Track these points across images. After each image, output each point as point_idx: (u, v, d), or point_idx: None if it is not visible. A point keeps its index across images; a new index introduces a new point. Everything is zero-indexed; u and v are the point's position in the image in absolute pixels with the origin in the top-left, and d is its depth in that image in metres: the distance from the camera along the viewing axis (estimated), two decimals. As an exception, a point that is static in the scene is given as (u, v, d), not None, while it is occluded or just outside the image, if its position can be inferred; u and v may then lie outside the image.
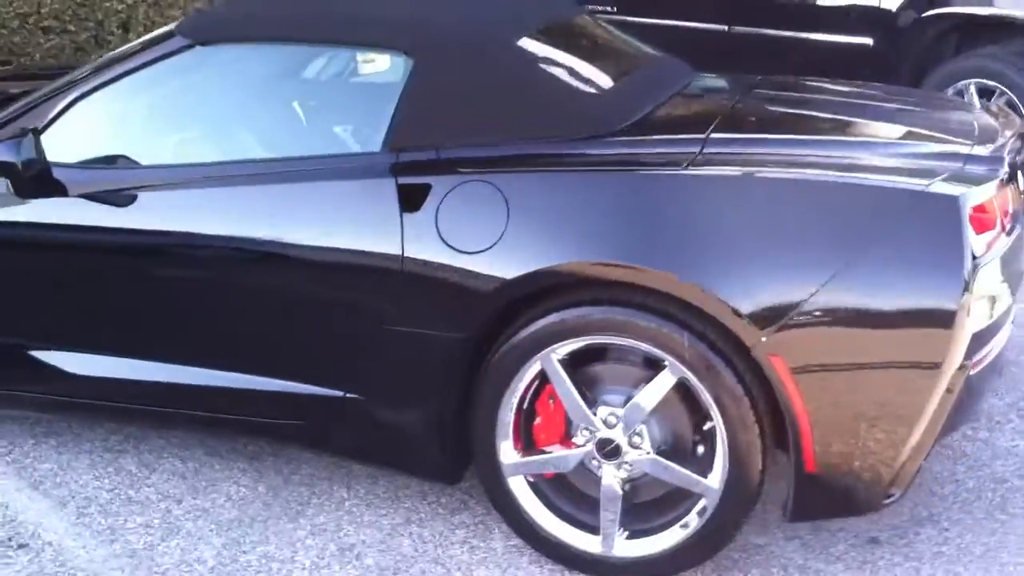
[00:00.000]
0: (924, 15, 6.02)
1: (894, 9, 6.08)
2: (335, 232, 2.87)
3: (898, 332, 2.54)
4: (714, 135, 2.88)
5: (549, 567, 2.92)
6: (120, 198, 3.04)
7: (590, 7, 7.35)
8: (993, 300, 2.73)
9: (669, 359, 2.65)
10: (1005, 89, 5.73)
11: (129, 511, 3.18)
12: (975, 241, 2.59)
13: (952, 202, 2.52)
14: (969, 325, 2.54)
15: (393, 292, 2.82)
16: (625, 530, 2.83)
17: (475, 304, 2.76)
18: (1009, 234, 2.81)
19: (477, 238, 2.74)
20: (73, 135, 3.12)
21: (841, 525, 3.10)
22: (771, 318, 2.55)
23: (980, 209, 2.66)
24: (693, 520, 2.77)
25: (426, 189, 2.80)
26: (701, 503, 2.75)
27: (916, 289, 2.52)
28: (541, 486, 2.90)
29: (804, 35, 6.52)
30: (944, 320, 2.51)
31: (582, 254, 2.68)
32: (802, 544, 3.03)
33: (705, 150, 2.81)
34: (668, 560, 2.81)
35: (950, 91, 5.93)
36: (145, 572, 2.91)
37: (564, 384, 2.75)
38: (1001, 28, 5.79)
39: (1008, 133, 3.02)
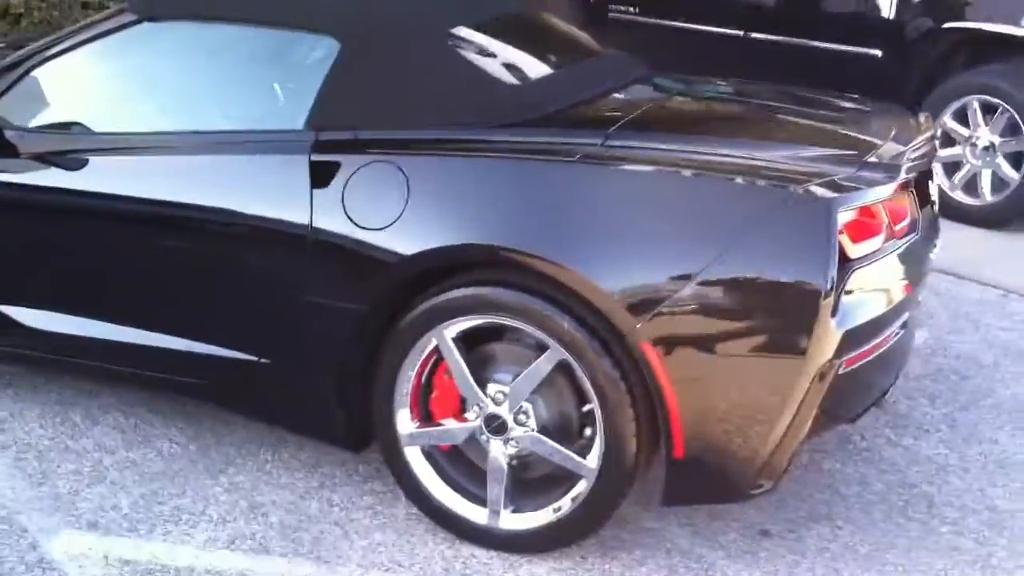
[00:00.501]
0: (934, 28, 6.01)
1: (904, 20, 6.08)
2: (253, 203, 3.03)
3: (763, 326, 2.63)
4: (618, 130, 2.98)
5: (442, 535, 3.03)
6: (63, 160, 3.23)
7: (612, 8, 7.48)
8: (878, 300, 2.79)
9: (551, 342, 2.76)
10: (1008, 107, 5.71)
11: (64, 459, 3.36)
12: (848, 245, 2.65)
13: (822, 205, 2.60)
14: (835, 324, 2.60)
15: (301, 263, 2.97)
16: (512, 504, 2.94)
17: (374, 279, 2.90)
18: (903, 237, 2.85)
19: (378, 216, 2.88)
20: (26, 101, 3.32)
21: (737, 516, 3.18)
22: (645, 307, 2.65)
23: (866, 213, 2.74)
24: (572, 499, 2.87)
25: (335, 167, 2.95)
26: (581, 483, 2.85)
27: (782, 287, 2.61)
28: (437, 457, 3.02)
29: (815, 43, 6.55)
30: (807, 318, 2.58)
31: (473, 236, 2.81)
32: (694, 531, 3.11)
33: (607, 143, 2.91)
34: (547, 536, 2.92)
35: (954, 106, 5.91)
36: (62, 515, 3.09)
37: (455, 359, 2.87)
38: (1011, 46, 5.77)
39: (919, 142, 3.07)
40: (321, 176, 2.95)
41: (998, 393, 3.98)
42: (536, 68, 3.38)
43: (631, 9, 7.78)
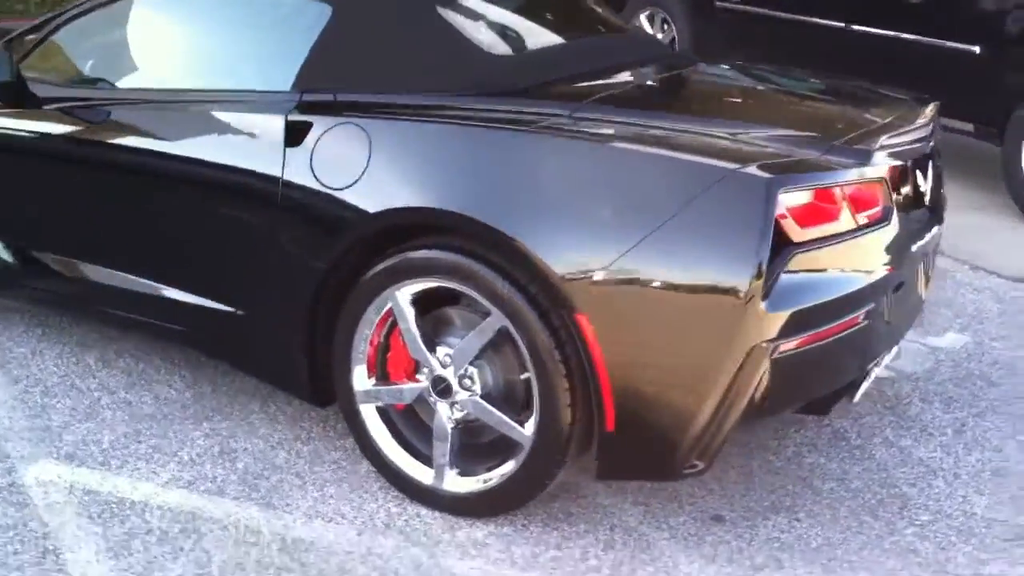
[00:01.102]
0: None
1: (1006, 14, 5.86)
2: (235, 159, 3.17)
3: (692, 304, 2.61)
4: (591, 104, 3.00)
5: (394, 493, 3.11)
6: (77, 112, 3.42)
7: None
8: (829, 286, 2.74)
9: (493, 308, 2.80)
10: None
11: (66, 395, 3.56)
12: (793, 227, 2.62)
13: (758, 185, 2.57)
14: (766, 306, 2.57)
15: (272, 218, 3.08)
16: (458, 467, 2.99)
17: (334, 237, 2.99)
18: (874, 224, 2.80)
19: (341, 176, 2.97)
20: (49, 59, 3.54)
21: (695, 500, 3.17)
22: (580, 278, 2.66)
23: (823, 196, 2.70)
24: (511, 466, 2.90)
25: (308, 126, 3.05)
26: (521, 451, 2.88)
27: (714, 265, 2.59)
28: (393, 416, 3.09)
29: (915, 37, 6.37)
30: (734, 299, 2.56)
31: (424, 200, 2.87)
32: (646, 511, 3.11)
33: (574, 115, 2.93)
34: (487, 500, 2.97)
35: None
36: (46, 445, 3.28)
37: (406, 320, 2.94)
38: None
39: (909, 130, 3.00)
40: (294, 135, 3.06)
41: None
42: (535, 40, 3.41)
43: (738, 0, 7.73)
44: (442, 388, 2.93)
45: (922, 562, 2.95)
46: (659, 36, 8.35)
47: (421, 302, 2.94)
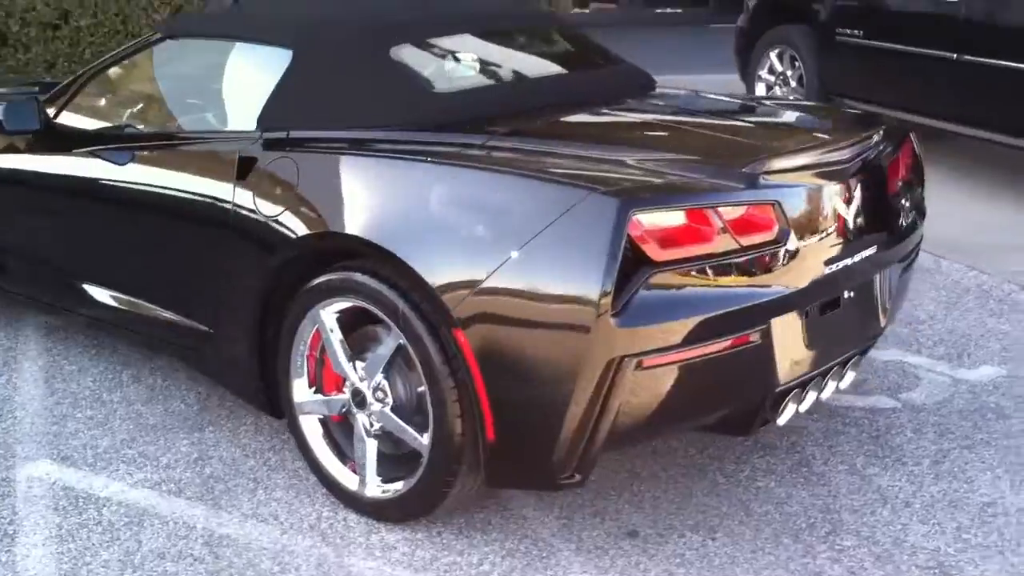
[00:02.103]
0: None
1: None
2: (204, 189, 3.52)
3: (552, 320, 2.75)
4: (506, 134, 3.20)
5: (332, 500, 3.35)
6: (96, 154, 3.88)
7: (839, 32, 7.44)
8: (697, 305, 2.82)
9: (392, 325, 3.03)
10: None
11: (89, 406, 4.00)
12: (653, 247, 2.72)
13: (609, 207, 2.69)
14: (618, 322, 2.68)
15: (226, 243, 3.41)
16: (381, 475, 3.21)
17: (270, 259, 3.28)
18: (765, 246, 2.88)
19: (273, 205, 3.27)
20: (78, 106, 4.03)
21: (617, 515, 3.27)
22: (458, 297, 2.85)
23: (696, 218, 2.80)
24: (415, 474, 3.10)
25: (253, 161, 3.37)
26: (422, 460, 3.08)
27: (571, 283, 2.71)
28: (330, 427, 3.35)
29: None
30: (587, 315, 2.68)
31: (336, 226, 3.13)
32: (565, 524, 3.23)
33: (486, 144, 3.14)
34: (398, 507, 3.17)
35: None
36: (51, 448, 3.70)
37: (328, 336, 3.20)
38: None
39: (836, 150, 3.13)
40: (243, 169, 3.38)
41: (1026, 439, 3.71)
42: (494, 77, 3.62)
43: (857, 32, 7.70)
44: (359, 400, 3.15)
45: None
46: (788, 73, 8.34)
47: (352, 320, 3.15)
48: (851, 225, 3.15)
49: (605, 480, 3.44)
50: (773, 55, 8.72)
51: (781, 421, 3.17)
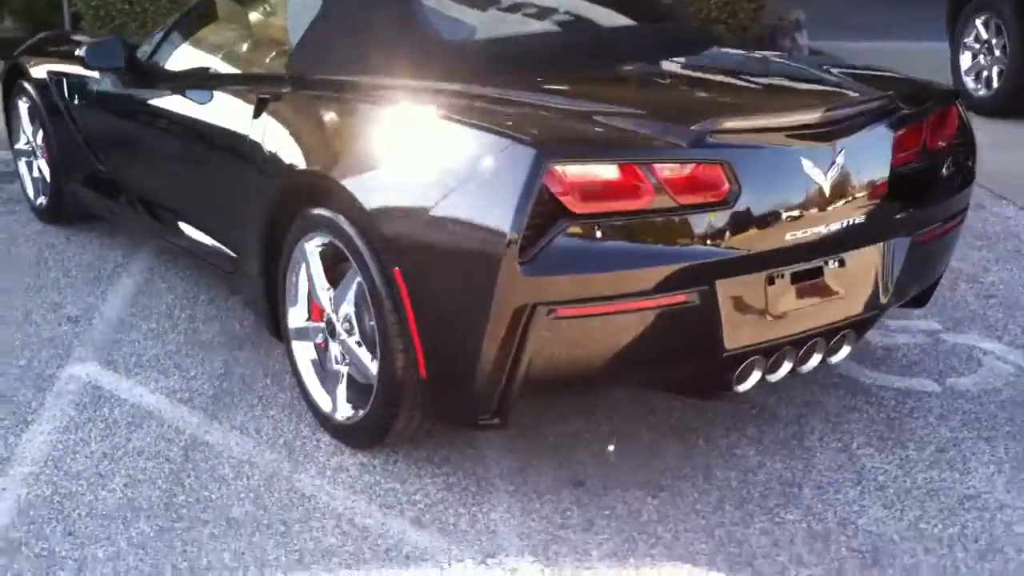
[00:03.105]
0: None
1: None
2: (236, 125, 3.77)
3: (471, 264, 2.81)
4: (488, 81, 3.30)
5: (314, 422, 3.56)
6: (173, 87, 4.23)
7: None
8: (617, 259, 2.83)
9: (353, 261, 3.19)
10: None
11: (157, 320, 4.38)
12: (573, 199, 2.76)
13: (527, 156, 2.73)
14: (525, 270, 2.71)
15: (245, 176, 3.66)
16: (351, 401, 3.40)
17: (269, 192, 3.51)
18: (703, 205, 2.88)
19: (275, 144, 3.49)
20: (163, 48, 4.41)
21: (576, 465, 3.31)
22: (398, 237, 2.99)
23: (628, 173, 2.82)
24: (368, 404, 3.27)
25: (265, 102, 3.60)
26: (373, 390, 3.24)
27: (488, 228, 2.75)
28: (319, 352, 3.55)
29: None
30: (497, 260, 2.74)
31: (311, 164, 3.32)
32: (519, 468, 3.29)
33: (470, 91, 3.24)
34: (355, 433, 3.34)
35: None
36: (104, 352, 4.08)
37: (310, 268, 3.40)
38: None
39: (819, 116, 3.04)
40: (259, 108, 3.61)
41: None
42: (522, 29, 3.78)
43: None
44: (330, 329, 3.34)
45: (732, 551, 2.91)
46: (993, 41, 7.88)
47: (336, 254, 3.30)
48: (828, 191, 3.03)
49: (583, 431, 3.49)
50: (979, 22, 8.23)
51: (741, 388, 3.12)
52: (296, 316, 3.51)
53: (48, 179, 5.31)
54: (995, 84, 8.05)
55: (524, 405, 3.02)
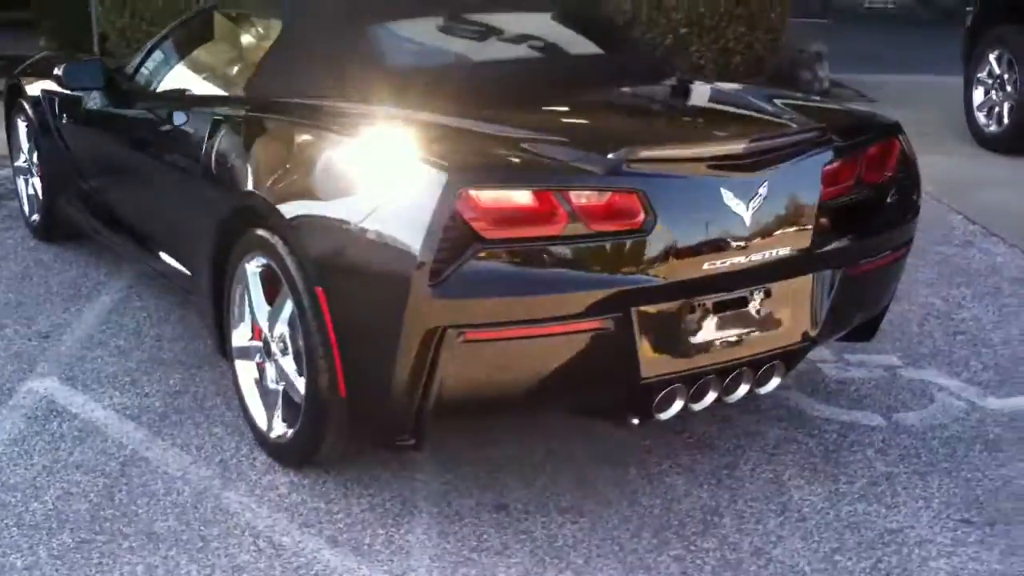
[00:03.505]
0: None
1: None
2: (189, 150, 3.88)
3: (382, 288, 2.89)
4: (424, 105, 3.38)
5: (252, 439, 3.62)
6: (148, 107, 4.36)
7: None
8: (528, 284, 2.88)
9: (284, 281, 3.27)
10: None
11: (125, 338, 4.47)
12: (483, 224, 2.80)
13: (438, 182, 2.79)
14: (435, 293, 2.78)
15: (197, 198, 3.76)
16: (286, 420, 3.46)
17: (216, 215, 3.60)
18: (617, 233, 2.92)
19: (224, 164, 3.58)
20: (144, 67, 4.53)
21: (505, 489, 3.35)
22: (321, 257, 3.06)
23: (541, 199, 2.87)
24: (298, 423, 3.33)
25: (219, 123, 3.70)
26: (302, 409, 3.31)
27: (401, 251, 2.83)
28: (260, 371, 3.62)
29: None
30: (407, 283, 2.80)
31: (251, 186, 3.40)
32: (446, 490, 3.34)
33: (400, 112, 3.33)
34: (287, 452, 3.40)
35: None
36: (66, 368, 4.18)
37: (248, 289, 3.48)
38: None
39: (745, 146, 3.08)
40: (214, 130, 3.72)
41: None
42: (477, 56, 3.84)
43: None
44: (266, 348, 3.41)
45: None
46: (1005, 77, 7.86)
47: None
48: (749, 223, 3.06)
49: (516, 456, 3.53)
50: (992, 57, 8.21)
51: (662, 416, 3.14)
52: (239, 335, 3.58)
53: (40, 196, 5.42)
54: (1006, 120, 8.00)
55: (451, 427, 3.06)
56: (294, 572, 2.91)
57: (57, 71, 4.50)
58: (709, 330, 3.08)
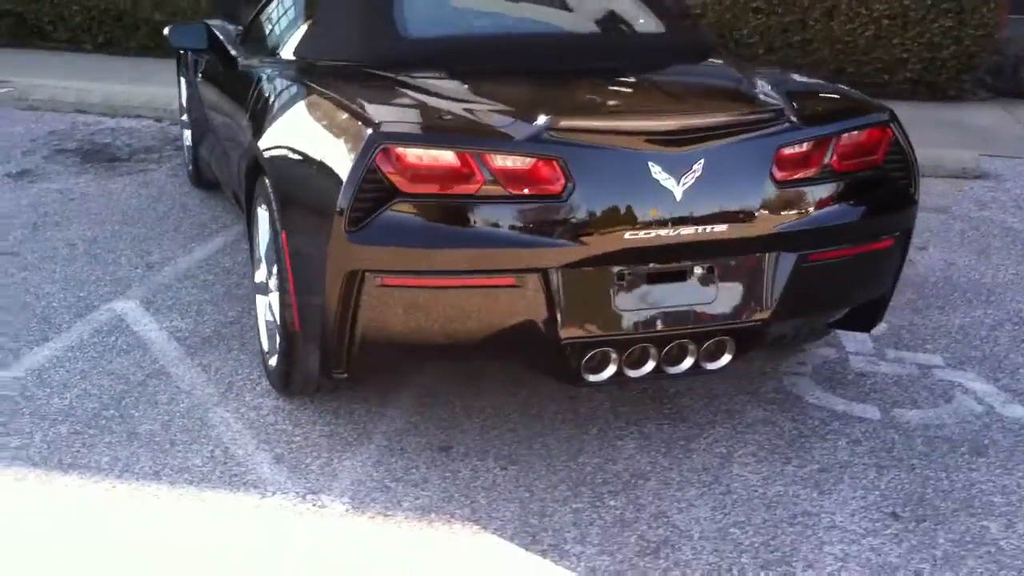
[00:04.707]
0: None
1: None
2: (242, 106, 4.34)
3: (317, 233, 3.18)
4: (414, 70, 3.66)
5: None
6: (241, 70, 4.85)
7: None
8: (442, 237, 3.10)
9: (270, 224, 3.66)
10: None
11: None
12: (402, 178, 3.07)
13: (361, 139, 3.07)
14: (352, 238, 3.04)
15: (240, 148, 4.21)
16: (275, 350, 3.85)
17: (246, 162, 4.04)
18: (533, 197, 3.11)
19: (256, 113, 4.01)
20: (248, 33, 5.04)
21: (459, 430, 3.59)
22: (284, 200, 3.43)
23: (460, 160, 3.10)
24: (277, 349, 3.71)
25: (260, 79, 4.13)
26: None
27: (330, 200, 3.13)
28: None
29: None
30: (329, 228, 3.08)
31: (260, 138, 3.80)
32: (401, 428, 3.59)
33: (398, 78, 3.63)
34: (273, 376, 3.78)
35: None
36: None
37: (259, 230, 3.89)
38: None
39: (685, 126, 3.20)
40: (257, 86, 4.15)
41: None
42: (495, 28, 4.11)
43: None
44: (264, 285, 3.81)
45: (532, 523, 3.10)
46: None
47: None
48: (680, 197, 3.15)
49: (495, 404, 3.77)
50: None
51: (593, 379, 3.27)
52: (259, 273, 3.97)
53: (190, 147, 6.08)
54: None
55: (382, 365, 3.35)
56: (229, 478, 3.26)
57: (165, 31, 5.02)
58: (638, 299, 3.19)
